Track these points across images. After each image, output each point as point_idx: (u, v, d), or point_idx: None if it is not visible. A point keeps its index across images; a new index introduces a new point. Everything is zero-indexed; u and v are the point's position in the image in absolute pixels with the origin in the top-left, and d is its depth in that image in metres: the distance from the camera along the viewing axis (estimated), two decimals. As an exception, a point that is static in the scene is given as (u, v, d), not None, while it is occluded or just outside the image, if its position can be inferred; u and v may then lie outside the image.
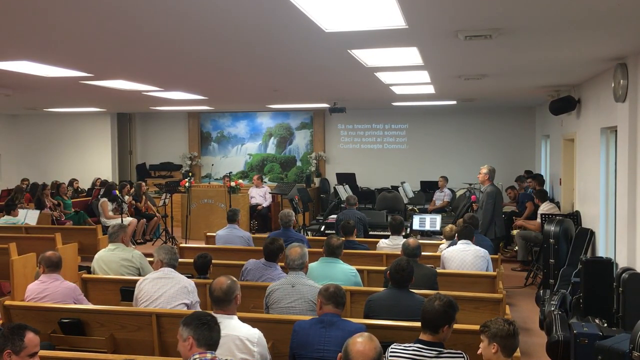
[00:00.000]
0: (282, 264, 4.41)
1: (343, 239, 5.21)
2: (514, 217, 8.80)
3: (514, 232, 8.52)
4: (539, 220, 7.97)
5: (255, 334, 3.12)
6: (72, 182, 11.75)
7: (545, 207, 7.96)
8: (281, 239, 4.75)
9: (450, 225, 6.09)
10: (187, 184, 9.98)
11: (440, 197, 11.10)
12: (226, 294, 3.20)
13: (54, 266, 4.30)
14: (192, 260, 4.92)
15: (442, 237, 6.89)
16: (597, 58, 5.48)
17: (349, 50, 5.01)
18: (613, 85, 5.57)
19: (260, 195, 11.36)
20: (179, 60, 5.59)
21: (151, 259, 5.18)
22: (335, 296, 3.30)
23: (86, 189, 11.92)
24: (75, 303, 4.26)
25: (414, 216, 8.01)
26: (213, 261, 4.97)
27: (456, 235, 5.51)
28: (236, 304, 3.26)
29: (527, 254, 8.11)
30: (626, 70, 5.26)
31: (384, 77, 6.91)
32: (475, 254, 5.26)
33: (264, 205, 11.21)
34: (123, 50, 5.00)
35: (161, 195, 10.53)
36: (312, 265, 4.64)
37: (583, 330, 4.25)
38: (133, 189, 10.51)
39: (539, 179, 9.46)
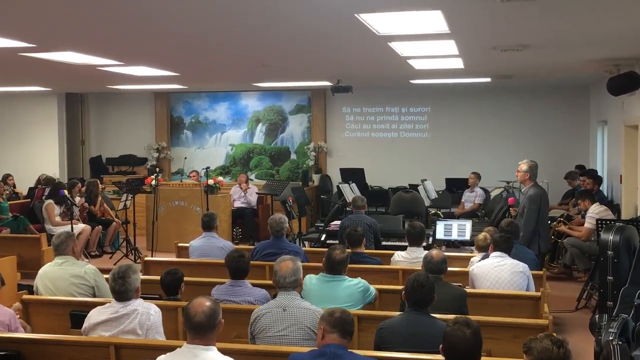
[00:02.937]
0: (271, 282, 4.42)
1: (349, 250, 5.22)
2: (553, 224, 8.76)
3: (562, 241, 8.52)
4: (588, 225, 7.96)
5: (238, 369, 3.13)
6: (5, 178, 11.67)
7: (595, 210, 7.95)
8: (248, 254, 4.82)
9: (484, 233, 6.06)
10: (153, 182, 9.96)
11: (471, 199, 11.09)
12: (210, 319, 3.20)
13: None
14: (159, 278, 4.92)
15: (473, 248, 6.89)
16: (667, 24, 5.48)
17: (356, 15, 5.00)
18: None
19: (243, 198, 11.35)
20: (143, 26, 5.58)
21: (108, 276, 5.20)
22: (342, 323, 3.31)
23: (27, 189, 11.89)
24: (10, 332, 4.25)
25: (437, 222, 8.00)
26: (186, 278, 4.97)
27: (491, 246, 5.50)
28: (219, 331, 3.28)
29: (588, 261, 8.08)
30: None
31: (400, 48, 6.90)
32: (512, 270, 5.26)
33: (249, 198, 11.25)
34: (73, 14, 4.99)
35: (121, 196, 10.51)
36: (307, 282, 4.63)
37: (649, 365, 4.24)
38: (85, 188, 10.50)
39: (595, 176, 9.43)
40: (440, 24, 5.39)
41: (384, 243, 7.71)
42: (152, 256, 8.86)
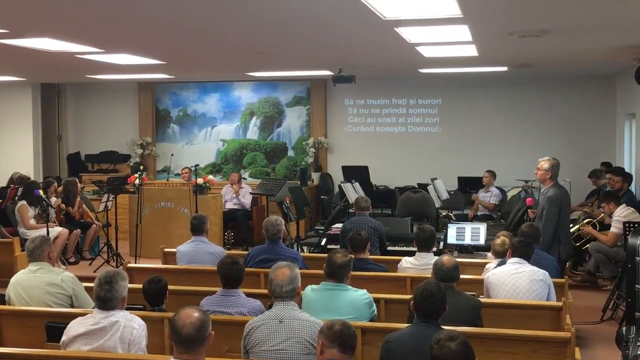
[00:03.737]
0: (266, 291, 4.42)
1: (352, 256, 5.22)
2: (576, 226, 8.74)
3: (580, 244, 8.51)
4: (614, 229, 7.96)
5: (230, 387, 3.14)
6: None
7: (622, 213, 7.95)
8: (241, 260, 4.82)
9: (502, 237, 6.06)
10: (137, 182, 9.95)
11: (486, 199, 11.11)
12: (199, 332, 3.22)
13: None
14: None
15: (487, 254, 6.89)
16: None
17: (359, -3, 5.00)
18: None
19: (235, 199, 11.36)
20: (125, 9, 5.57)
21: (88, 284, 5.20)
22: (342, 337, 3.32)
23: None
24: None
25: (449, 225, 8.01)
26: (173, 287, 4.99)
27: (509, 251, 5.50)
28: (208, 344, 3.30)
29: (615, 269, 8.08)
30: None
31: (408, 34, 6.90)
32: (531, 277, 5.26)
33: (242, 200, 11.28)
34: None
35: (102, 196, 10.50)
36: (307, 291, 4.62)
37: (681, 382, 4.24)
38: (62, 188, 10.50)
39: (624, 174, 9.39)
40: (452, 7, 5.38)
41: (390, 248, 7.72)
42: (135, 262, 8.87)
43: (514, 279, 5.26)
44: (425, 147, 13.43)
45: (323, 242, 8.41)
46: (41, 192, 9.11)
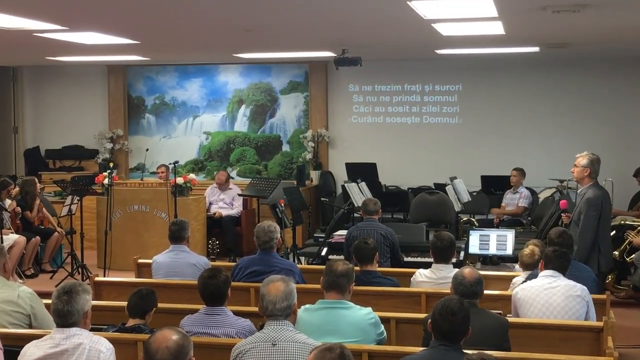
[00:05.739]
0: (256, 308, 4.41)
1: (355, 267, 5.20)
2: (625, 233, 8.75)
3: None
4: None
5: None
6: None
7: None
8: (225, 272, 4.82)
9: (531, 247, 6.06)
10: (106, 181, 9.95)
11: (513, 202, 11.11)
12: (176, 357, 3.22)
13: None
14: (114, 304, 4.92)
15: (516, 265, 6.89)
16: None
17: (366, -35, 5.01)
18: None
19: (224, 201, 11.35)
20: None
21: (49, 301, 5.20)
22: None
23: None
24: None
25: (471, 232, 8.01)
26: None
27: (541, 262, 5.50)
28: (189, 371, 3.31)
29: None
30: None
31: (423, 9, 6.90)
32: (567, 293, 5.26)
33: (232, 213, 11.24)
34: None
35: (65, 198, 10.50)
36: (300, 314, 4.61)
37: None
38: (19, 189, 10.50)
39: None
40: (474, -23, 5.39)
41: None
42: (104, 275, 8.86)
43: (547, 295, 5.26)
44: (443, 140, 13.42)
45: (323, 252, 8.42)
46: (-6, 193, 9.12)
